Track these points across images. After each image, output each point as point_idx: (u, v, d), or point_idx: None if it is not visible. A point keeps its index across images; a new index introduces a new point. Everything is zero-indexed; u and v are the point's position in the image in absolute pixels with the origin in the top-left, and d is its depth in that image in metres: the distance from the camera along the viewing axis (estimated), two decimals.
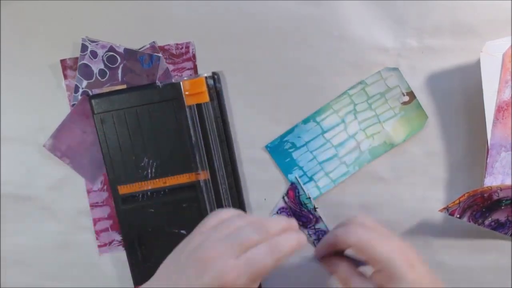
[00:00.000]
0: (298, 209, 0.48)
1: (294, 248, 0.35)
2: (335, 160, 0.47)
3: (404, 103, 0.47)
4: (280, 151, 0.46)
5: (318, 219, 0.48)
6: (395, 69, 0.46)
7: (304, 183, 0.47)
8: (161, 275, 0.37)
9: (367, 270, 0.39)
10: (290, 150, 0.47)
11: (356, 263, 0.41)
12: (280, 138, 0.47)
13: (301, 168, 0.47)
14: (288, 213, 0.48)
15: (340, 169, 0.47)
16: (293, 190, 0.47)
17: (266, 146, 0.47)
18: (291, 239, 0.35)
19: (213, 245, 0.34)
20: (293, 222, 0.38)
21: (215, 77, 0.46)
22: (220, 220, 0.37)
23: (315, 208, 0.47)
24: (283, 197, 0.48)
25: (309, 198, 0.47)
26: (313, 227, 0.48)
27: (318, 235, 0.48)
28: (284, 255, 0.34)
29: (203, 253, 0.34)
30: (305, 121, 0.47)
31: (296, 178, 0.47)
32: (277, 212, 0.48)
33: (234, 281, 0.33)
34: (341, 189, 0.48)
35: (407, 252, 0.38)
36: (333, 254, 0.42)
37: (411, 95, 0.47)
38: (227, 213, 0.38)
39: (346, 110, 0.47)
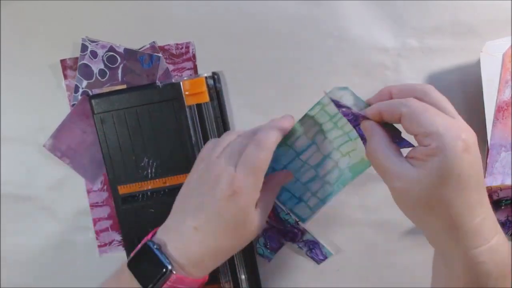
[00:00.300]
0: (282, 226, 0.47)
1: (276, 135, 0.39)
2: (318, 181, 0.45)
3: None
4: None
5: (303, 231, 0.47)
6: (345, 89, 0.41)
7: (295, 204, 0.45)
8: (177, 207, 0.40)
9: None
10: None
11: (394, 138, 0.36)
12: None
13: (288, 190, 0.45)
14: (274, 233, 0.48)
15: (325, 188, 0.45)
16: (272, 210, 0.46)
17: None
18: (271, 129, 0.39)
19: (215, 163, 0.38)
20: (278, 119, 0.41)
21: (215, 77, 0.46)
22: (214, 143, 0.41)
23: (297, 222, 0.47)
24: None
25: (288, 214, 0.46)
26: (301, 240, 0.48)
27: (309, 246, 0.48)
28: (269, 143, 0.38)
29: (210, 173, 0.38)
30: (278, 145, 0.42)
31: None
32: (263, 234, 0.48)
33: (243, 183, 0.37)
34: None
35: (468, 135, 0.33)
36: None
37: None
38: (218, 139, 0.41)
39: (314, 131, 0.43)
